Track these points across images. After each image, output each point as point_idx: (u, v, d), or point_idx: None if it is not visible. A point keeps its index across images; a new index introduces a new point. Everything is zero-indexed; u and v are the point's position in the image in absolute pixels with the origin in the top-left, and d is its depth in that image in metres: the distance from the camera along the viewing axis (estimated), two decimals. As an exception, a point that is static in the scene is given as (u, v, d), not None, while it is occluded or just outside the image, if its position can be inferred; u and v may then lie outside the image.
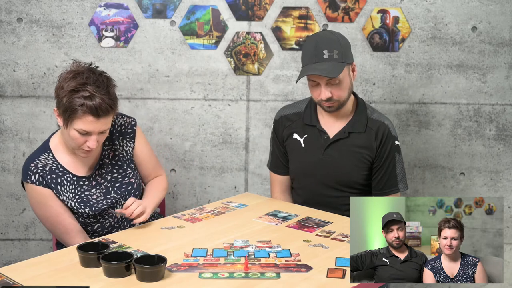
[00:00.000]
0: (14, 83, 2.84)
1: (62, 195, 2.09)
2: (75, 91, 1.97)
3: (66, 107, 1.98)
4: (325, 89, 2.21)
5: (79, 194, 2.12)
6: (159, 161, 2.41)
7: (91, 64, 2.11)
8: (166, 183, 2.36)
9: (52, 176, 2.09)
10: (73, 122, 1.99)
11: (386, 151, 2.33)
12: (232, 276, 1.68)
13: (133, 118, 2.29)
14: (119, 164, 2.22)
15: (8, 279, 1.63)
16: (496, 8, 2.84)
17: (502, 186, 2.99)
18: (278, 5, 2.82)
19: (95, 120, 1.99)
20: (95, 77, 2.02)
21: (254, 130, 2.92)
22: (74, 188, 2.12)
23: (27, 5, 2.78)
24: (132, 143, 2.25)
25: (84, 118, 1.98)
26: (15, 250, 2.97)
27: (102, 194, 2.15)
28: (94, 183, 2.16)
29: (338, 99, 2.25)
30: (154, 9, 2.80)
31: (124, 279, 1.65)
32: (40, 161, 2.10)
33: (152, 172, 2.34)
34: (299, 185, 2.47)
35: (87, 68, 2.06)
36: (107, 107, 2.00)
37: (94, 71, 2.06)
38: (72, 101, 1.96)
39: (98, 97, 1.97)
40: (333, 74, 2.17)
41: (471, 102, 2.92)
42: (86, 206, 2.11)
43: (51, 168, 2.10)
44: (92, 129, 2.00)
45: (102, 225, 2.16)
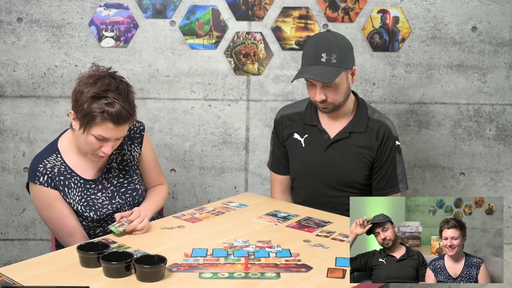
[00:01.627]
0: (14, 83, 2.84)
1: (69, 197, 2.08)
2: (96, 97, 1.96)
3: (86, 113, 1.97)
4: (320, 92, 2.21)
5: (85, 198, 2.11)
6: (162, 170, 2.40)
7: (110, 68, 2.09)
8: (167, 193, 2.36)
9: (60, 178, 2.07)
10: (92, 128, 1.99)
11: (386, 151, 2.33)
12: (232, 276, 1.68)
13: (142, 123, 2.28)
14: (126, 170, 2.21)
15: (8, 279, 1.63)
16: (496, 8, 2.84)
17: (502, 186, 2.99)
18: (278, 5, 2.82)
19: (114, 127, 1.99)
20: (116, 84, 2.01)
21: (254, 130, 2.92)
22: (80, 191, 2.11)
23: (27, 5, 2.78)
24: (139, 148, 2.25)
25: (104, 125, 1.98)
26: (15, 250, 2.97)
27: (108, 199, 2.14)
28: (100, 187, 2.15)
29: (333, 102, 2.25)
30: (154, 9, 2.80)
31: (124, 279, 1.65)
32: (48, 162, 2.08)
33: (155, 180, 2.34)
34: (300, 185, 2.47)
35: (107, 73, 2.05)
36: (127, 114, 2.00)
37: (114, 76, 2.04)
38: (92, 107, 1.96)
39: (119, 104, 1.97)
40: (327, 80, 2.17)
41: (471, 102, 2.92)
42: (91, 210, 2.10)
43: (60, 170, 2.09)
44: (110, 136, 2.01)
45: (104, 230, 2.15)
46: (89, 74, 2.04)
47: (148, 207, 2.17)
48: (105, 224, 2.13)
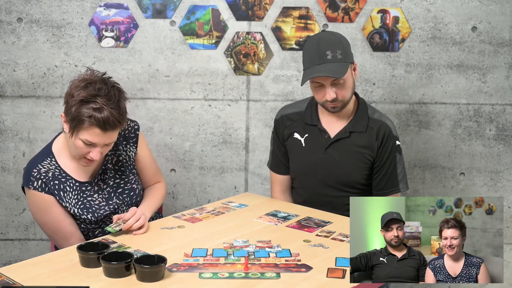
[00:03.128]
0: (14, 83, 2.84)
1: (65, 201, 2.08)
2: (85, 101, 1.95)
3: (74, 116, 1.96)
4: (330, 90, 2.21)
5: (82, 200, 2.10)
6: (159, 168, 2.40)
7: (105, 74, 2.08)
8: (165, 191, 2.35)
9: (55, 182, 2.07)
10: (79, 132, 1.97)
11: (387, 151, 2.33)
12: (232, 276, 1.68)
13: (136, 122, 2.27)
14: (122, 170, 2.21)
15: (8, 279, 1.63)
16: (496, 8, 2.84)
17: (502, 186, 2.99)
18: (278, 5, 2.82)
19: (101, 133, 1.97)
20: (107, 89, 1.99)
21: (254, 130, 2.92)
22: (77, 194, 2.10)
23: (27, 5, 2.78)
24: (135, 148, 2.25)
25: (90, 130, 1.96)
26: (15, 250, 2.97)
27: (104, 200, 2.14)
28: (96, 189, 2.15)
29: (343, 99, 2.25)
30: (154, 9, 2.80)
31: (124, 279, 1.65)
32: (43, 167, 2.08)
33: (153, 178, 2.33)
34: (300, 185, 2.47)
35: (100, 78, 2.04)
36: (115, 121, 1.98)
37: (106, 82, 2.03)
38: (80, 111, 1.95)
39: (107, 110, 1.95)
40: (339, 74, 2.17)
41: (471, 102, 2.92)
42: (88, 212, 2.09)
43: (54, 174, 2.08)
44: (97, 141, 1.99)
45: (103, 232, 2.14)
46: (81, 78, 2.03)
47: (147, 207, 2.16)
48: (104, 225, 2.13)
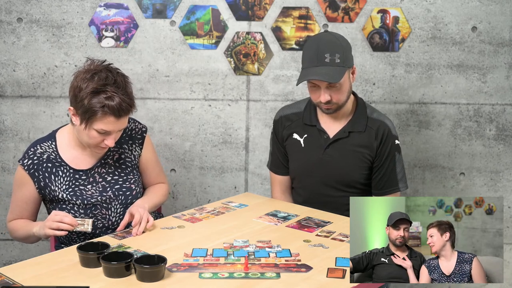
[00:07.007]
0: (14, 83, 2.84)
1: (54, 185, 2.11)
2: (96, 92, 1.98)
3: (87, 109, 1.99)
4: (325, 93, 2.21)
5: (73, 187, 2.12)
6: (163, 171, 2.41)
7: (105, 61, 2.10)
8: (167, 191, 2.36)
9: (48, 164, 2.12)
10: (94, 123, 2.01)
11: (386, 151, 2.33)
12: (232, 276, 1.68)
13: (145, 125, 2.31)
14: (122, 168, 2.21)
15: (8, 279, 1.63)
16: (496, 8, 2.83)
17: (502, 186, 2.99)
18: (278, 5, 2.82)
19: (115, 120, 2.01)
20: (113, 77, 2.03)
21: (254, 130, 2.92)
22: (69, 181, 2.12)
23: (27, 5, 2.78)
24: (140, 149, 2.26)
25: (105, 119, 2.00)
26: (15, 250, 2.97)
27: (98, 192, 2.14)
28: (91, 180, 2.16)
29: (337, 102, 2.25)
30: (154, 9, 2.80)
31: (124, 279, 1.66)
32: (41, 147, 2.14)
33: (155, 179, 2.34)
34: (299, 185, 2.47)
35: (103, 66, 2.07)
36: (128, 106, 2.03)
37: (111, 69, 2.06)
38: (92, 102, 1.98)
39: (118, 97, 1.99)
40: (334, 80, 2.17)
41: (471, 102, 2.92)
42: (78, 198, 2.11)
43: (49, 157, 2.13)
44: (112, 129, 2.03)
45: (94, 225, 2.14)
46: (85, 69, 2.05)
47: (146, 199, 2.18)
48: (95, 219, 2.12)
